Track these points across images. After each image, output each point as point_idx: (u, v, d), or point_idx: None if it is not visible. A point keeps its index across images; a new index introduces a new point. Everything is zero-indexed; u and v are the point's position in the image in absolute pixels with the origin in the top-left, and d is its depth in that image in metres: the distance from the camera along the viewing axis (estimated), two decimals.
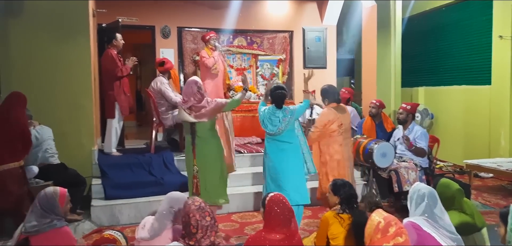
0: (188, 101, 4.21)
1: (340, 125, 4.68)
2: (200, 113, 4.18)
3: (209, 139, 4.27)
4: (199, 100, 4.21)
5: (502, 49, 7.24)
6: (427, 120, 8.55)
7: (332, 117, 4.68)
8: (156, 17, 7.98)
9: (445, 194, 3.45)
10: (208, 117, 4.23)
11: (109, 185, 5.34)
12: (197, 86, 4.22)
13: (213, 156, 4.29)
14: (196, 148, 4.23)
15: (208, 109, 4.21)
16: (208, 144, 4.27)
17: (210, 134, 4.29)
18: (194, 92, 4.19)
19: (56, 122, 5.42)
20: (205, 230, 2.59)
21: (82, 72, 5.71)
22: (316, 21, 8.73)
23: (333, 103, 4.79)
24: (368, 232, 2.71)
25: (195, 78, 4.36)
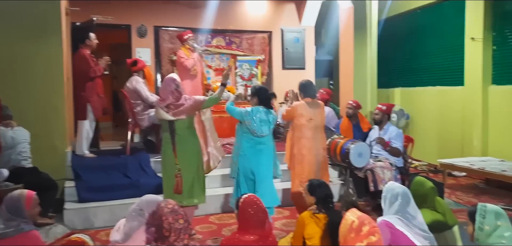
0: (166, 100, 4.15)
1: (310, 120, 4.71)
2: (179, 111, 4.13)
3: (187, 137, 4.22)
4: (177, 98, 4.15)
5: (474, 51, 7.41)
6: (403, 121, 8.69)
7: (301, 110, 4.74)
8: (132, 16, 7.87)
9: (419, 191, 3.51)
10: (187, 114, 4.18)
11: (82, 188, 5.22)
12: (175, 84, 4.16)
13: (191, 155, 4.24)
14: (176, 146, 4.16)
15: (186, 106, 4.16)
16: (186, 142, 4.21)
17: (188, 132, 4.24)
18: (172, 90, 4.13)
19: (27, 124, 5.25)
20: (178, 233, 2.56)
21: (54, 72, 5.57)
22: (294, 22, 8.78)
23: (307, 98, 4.83)
24: (342, 232, 2.73)
25: (172, 76, 4.30)
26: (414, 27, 9.31)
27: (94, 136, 6.29)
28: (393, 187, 3.17)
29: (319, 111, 4.85)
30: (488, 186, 6.75)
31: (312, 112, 4.75)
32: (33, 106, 5.47)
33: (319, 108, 4.86)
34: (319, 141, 4.82)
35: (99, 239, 4.62)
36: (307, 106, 4.77)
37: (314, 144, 4.75)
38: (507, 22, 7.15)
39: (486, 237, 2.68)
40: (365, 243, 2.58)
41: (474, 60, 7.43)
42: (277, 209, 5.37)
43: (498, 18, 7.28)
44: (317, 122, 4.79)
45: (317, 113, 4.80)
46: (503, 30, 7.21)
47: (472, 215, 2.77)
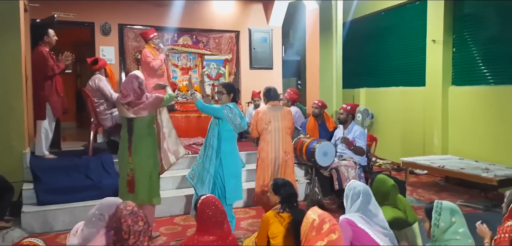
0: (127, 97, 4.06)
1: (268, 122, 4.78)
2: (139, 108, 4.06)
3: (145, 136, 4.15)
4: (138, 96, 4.07)
5: (435, 52, 7.64)
6: (368, 120, 8.87)
7: (261, 115, 4.82)
8: (96, 13, 7.67)
9: (381, 189, 3.58)
10: (148, 111, 4.11)
11: (41, 190, 5.04)
12: (138, 81, 4.08)
13: (147, 154, 4.17)
14: (132, 144, 4.09)
15: (147, 103, 4.09)
16: (144, 141, 4.14)
17: (147, 131, 4.17)
18: (134, 87, 4.05)
19: None
20: (138, 235, 2.50)
21: (12, 71, 5.36)
22: (262, 22, 8.80)
23: (269, 102, 4.92)
24: (303, 230, 2.75)
25: (136, 73, 4.22)
26: (378, 29, 9.52)
27: (55, 136, 6.08)
28: (355, 185, 3.22)
29: (281, 115, 4.85)
30: (448, 183, 6.97)
31: (272, 115, 4.80)
32: None
33: (281, 112, 4.87)
34: (281, 143, 4.81)
35: (58, 243, 4.48)
36: (267, 111, 4.83)
37: (273, 147, 4.77)
38: (466, 25, 7.41)
39: (442, 233, 2.76)
40: (325, 241, 2.61)
41: (435, 62, 7.66)
42: (243, 209, 5.37)
43: (458, 21, 7.54)
44: (277, 125, 4.80)
45: (278, 116, 4.82)
46: (462, 32, 7.47)
47: (428, 212, 2.85)
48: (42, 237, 4.58)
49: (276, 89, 5.12)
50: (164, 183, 5.46)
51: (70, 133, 8.87)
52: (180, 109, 7.23)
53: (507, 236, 2.75)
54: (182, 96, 7.50)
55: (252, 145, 6.89)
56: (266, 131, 4.78)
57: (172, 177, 5.71)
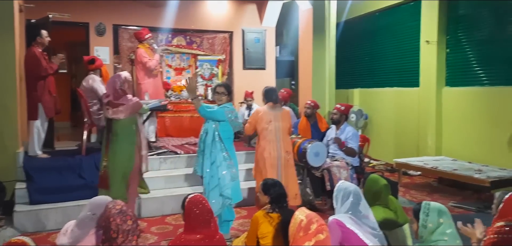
0: (108, 96, 4.12)
1: (269, 122, 4.77)
2: (117, 110, 4.08)
3: (122, 138, 4.19)
4: (117, 96, 4.10)
5: (429, 53, 7.67)
6: (362, 121, 8.90)
7: (261, 115, 4.80)
8: (91, 13, 7.67)
9: (372, 188, 3.60)
10: (125, 115, 4.13)
11: (34, 189, 5.05)
12: (120, 82, 4.14)
13: (122, 155, 4.22)
14: (109, 143, 4.17)
15: (126, 106, 4.12)
16: (120, 142, 4.19)
17: (125, 132, 4.20)
18: (116, 88, 4.11)
19: None
20: (126, 234, 2.52)
21: (5, 71, 5.39)
22: (255, 22, 8.81)
23: (269, 103, 4.87)
24: (291, 231, 2.76)
25: (121, 73, 4.27)
26: (372, 30, 9.54)
27: (48, 135, 6.08)
28: (345, 186, 3.22)
29: (281, 115, 4.87)
30: (441, 185, 6.99)
31: (272, 115, 4.79)
32: None
33: (281, 112, 4.89)
34: (282, 142, 4.83)
35: (50, 242, 4.48)
36: (267, 110, 4.81)
37: (275, 146, 4.77)
38: (460, 26, 7.45)
39: (429, 234, 2.78)
40: (313, 242, 2.62)
41: (429, 63, 7.68)
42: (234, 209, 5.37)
43: (451, 22, 7.57)
44: (278, 124, 4.80)
45: (278, 116, 4.83)
46: (456, 33, 7.50)
47: (416, 212, 2.87)
48: (34, 236, 4.59)
49: (276, 90, 5.09)
50: (155, 183, 5.49)
51: (64, 133, 8.84)
52: (173, 110, 7.24)
53: (495, 237, 2.77)
54: (176, 97, 7.51)
55: (244, 145, 6.91)
56: (267, 131, 4.76)
57: (163, 176, 5.73)
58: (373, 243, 2.98)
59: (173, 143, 6.88)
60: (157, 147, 6.42)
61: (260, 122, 4.80)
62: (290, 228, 2.79)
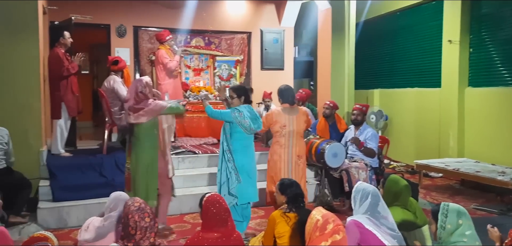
0: (129, 101, 4.19)
1: (283, 126, 4.73)
2: (138, 114, 4.14)
3: (144, 141, 4.23)
4: (138, 101, 4.15)
5: (451, 53, 7.53)
6: (382, 122, 8.79)
7: (275, 118, 4.77)
8: (112, 15, 7.81)
9: (392, 189, 3.56)
10: (146, 118, 4.18)
11: (57, 187, 5.18)
12: (140, 86, 4.18)
13: (143, 158, 4.25)
14: (131, 146, 4.23)
15: (146, 110, 4.16)
16: (142, 145, 4.23)
17: (146, 136, 4.23)
18: (136, 92, 4.17)
19: (1, 122, 5.18)
20: (144, 231, 2.56)
21: (30, 71, 5.51)
22: (274, 22, 8.80)
23: (285, 104, 4.82)
24: (308, 230, 2.75)
25: (142, 78, 4.33)
26: (393, 29, 9.43)
27: (71, 135, 6.23)
28: (363, 186, 3.20)
29: (297, 118, 4.81)
30: (463, 187, 6.86)
31: (287, 118, 4.75)
32: (8, 105, 5.41)
33: (296, 115, 4.82)
34: (294, 147, 4.79)
35: (72, 238, 4.59)
36: (282, 113, 4.77)
37: (287, 151, 4.76)
38: (483, 25, 7.29)
39: (448, 236, 2.74)
40: (329, 242, 2.61)
41: (451, 63, 7.55)
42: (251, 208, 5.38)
43: (475, 21, 7.42)
44: (292, 128, 4.76)
45: (293, 119, 4.77)
46: (479, 32, 7.35)
47: (435, 214, 2.83)
48: (56, 232, 4.69)
49: (293, 90, 5.01)
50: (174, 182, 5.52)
51: (86, 132, 9.04)
52: (191, 110, 7.30)
53: None
54: (194, 97, 7.57)
55: (261, 145, 6.91)
56: (280, 134, 4.74)
57: (182, 176, 5.78)
58: (391, 244, 2.95)
59: (192, 142, 6.94)
60: (175, 147, 6.49)
61: (274, 125, 4.79)
62: (306, 228, 2.79)
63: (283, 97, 4.85)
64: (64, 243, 4.43)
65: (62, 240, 4.50)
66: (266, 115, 4.94)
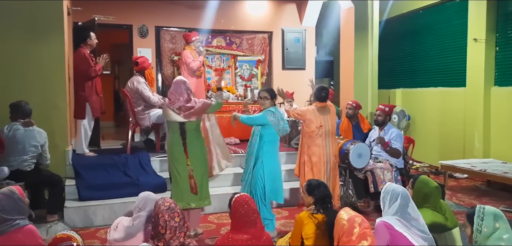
0: (176, 101, 4.20)
1: (320, 127, 4.68)
2: (189, 113, 4.18)
3: (195, 139, 4.28)
4: (187, 100, 4.19)
5: (477, 52, 7.37)
6: (404, 122, 8.66)
7: (309, 116, 4.71)
8: (134, 16, 7.88)
9: (423, 190, 3.49)
10: (196, 116, 4.24)
11: (83, 186, 5.24)
12: (185, 86, 4.24)
13: (199, 156, 4.30)
14: (187, 147, 4.22)
15: (196, 108, 4.22)
16: (195, 144, 4.27)
17: (196, 134, 4.30)
18: (183, 91, 4.20)
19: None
20: (174, 231, 2.56)
21: (56, 71, 5.59)
22: (295, 22, 8.76)
23: (317, 101, 4.79)
24: (336, 231, 2.73)
25: (182, 78, 4.39)
26: (416, 28, 9.28)
27: (94, 135, 6.31)
28: (393, 187, 3.15)
29: (330, 117, 4.81)
30: (489, 188, 6.72)
31: (322, 118, 4.73)
32: (35, 105, 5.44)
33: (330, 114, 4.82)
34: (330, 147, 4.78)
35: (98, 237, 4.63)
36: (316, 112, 4.73)
37: (324, 151, 4.72)
38: (510, 23, 7.12)
39: (485, 239, 2.66)
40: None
41: (477, 61, 7.39)
42: (276, 209, 5.37)
43: (501, 19, 7.25)
44: (328, 128, 4.75)
45: (327, 119, 4.77)
46: (506, 31, 7.18)
47: (470, 217, 2.75)
48: (83, 231, 4.76)
49: (327, 88, 5.00)
50: None
51: (108, 132, 9.14)
52: None
53: None
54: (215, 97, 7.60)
55: (284, 145, 6.87)
56: (316, 135, 4.69)
57: None
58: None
59: None
60: None
61: (309, 124, 4.73)
62: (334, 228, 2.75)
63: (318, 96, 4.81)
64: (91, 242, 4.48)
65: (88, 239, 4.55)
66: (300, 111, 4.87)
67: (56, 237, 2.66)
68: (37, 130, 4.97)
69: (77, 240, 2.65)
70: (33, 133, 4.92)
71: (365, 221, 2.63)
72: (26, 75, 5.48)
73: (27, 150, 4.85)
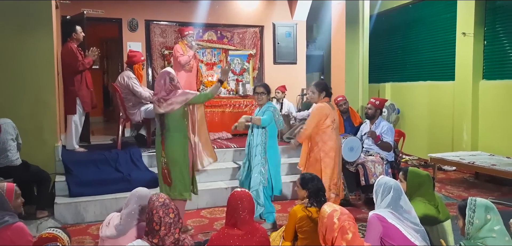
0: (158, 93, 4.16)
1: (334, 120, 4.69)
2: (167, 104, 4.12)
3: (176, 131, 4.21)
4: (169, 91, 4.14)
5: (465, 46, 7.46)
6: (394, 115, 8.74)
7: (327, 111, 4.65)
8: (123, 9, 7.78)
9: (416, 179, 3.53)
10: (174, 107, 4.15)
11: (73, 182, 5.19)
12: (169, 77, 4.15)
13: (178, 148, 4.22)
14: (164, 138, 4.18)
15: (174, 99, 4.14)
16: (175, 136, 4.20)
17: (177, 126, 4.21)
18: (166, 82, 4.13)
19: (17, 118, 5.18)
20: (169, 227, 2.55)
21: (45, 66, 5.51)
22: (286, 16, 8.74)
23: (326, 98, 4.75)
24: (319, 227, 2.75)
25: (168, 69, 4.30)
26: (405, 22, 9.34)
27: (84, 130, 6.24)
28: (385, 180, 3.18)
29: (336, 112, 4.90)
30: (477, 180, 6.83)
31: (333, 113, 4.75)
32: (23, 101, 5.42)
33: (335, 108, 4.94)
34: (339, 141, 4.85)
35: (90, 233, 4.59)
36: (329, 108, 4.70)
37: (338, 144, 4.75)
38: (498, 17, 7.21)
39: (477, 231, 2.70)
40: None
41: (465, 55, 7.48)
42: None
43: (489, 13, 7.34)
44: (337, 122, 4.81)
45: (335, 113, 4.82)
46: (494, 25, 7.27)
47: (462, 209, 2.79)
48: (74, 227, 4.73)
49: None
50: None
51: (98, 127, 9.06)
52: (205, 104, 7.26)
53: None
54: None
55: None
56: (331, 129, 4.64)
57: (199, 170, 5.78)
58: (415, 238, 2.93)
59: None
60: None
61: (326, 120, 4.62)
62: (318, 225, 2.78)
63: (326, 91, 4.73)
64: (82, 239, 4.45)
65: (80, 236, 4.52)
66: (314, 113, 4.70)
67: (41, 236, 2.59)
68: (6, 122, 4.85)
69: (63, 239, 2.57)
70: (8, 127, 4.82)
71: (344, 213, 2.61)
72: (14, 70, 5.39)
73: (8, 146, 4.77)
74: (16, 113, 5.25)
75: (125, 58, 6.85)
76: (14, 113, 5.20)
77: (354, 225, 2.59)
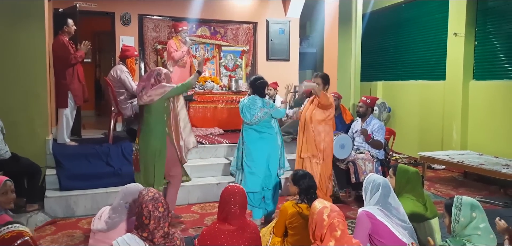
0: (145, 87, 4.19)
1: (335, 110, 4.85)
2: (148, 95, 4.16)
3: (153, 123, 4.24)
4: (152, 85, 4.18)
5: (456, 46, 7.53)
6: (385, 114, 8.80)
7: (333, 101, 4.80)
8: (116, 3, 7.74)
9: (405, 175, 3.57)
10: (155, 97, 4.16)
11: (64, 176, 5.17)
12: (156, 72, 4.21)
13: (153, 139, 4.24)
14: (141, 128, 4.30)
15: (151, 91, 4.16)
16: (151, 128, 4.24)
17: (155, 118, 4.24)
18: (150, 77, 4.20)
19: (7, 111, 5.18)
20: (158, 221, 2.56)
21: (36, 59, 5.48)
22: (280, 13, 8.76)
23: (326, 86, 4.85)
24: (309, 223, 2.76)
25: (160, 68, 4.35)
26: (398, 21, 9.40)
27: (75, 124, 6.21)
28: (374, 178, 3.22)
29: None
30: (466, 179, 6.90)
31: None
32: (14, 93, 5.38)
33: None
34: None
35: (80, 227, 4.59)
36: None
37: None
38: (489, 18, 7.28)
39: (462, 229, 2.75)
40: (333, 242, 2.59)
41: (456, 55, 7.55)
42: None
43: (480, 14, 7.41)
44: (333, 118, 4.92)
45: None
46: (485, 26, 7.35)
47: (448, 207, 2.84)
48: (64, 221, 4.73)
49: None
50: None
51: (89, 121, 9.01)
52: (198, 100, 7.28)
53: None
54: (200, 87, 7.55)
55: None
56: (333, 120, 4.84)
57: (189, 166, 5.74)
58: (403, 236, 2.97)
59: (198, 133, 6.92)
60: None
61: (332, 110, 4.80)
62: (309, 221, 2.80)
63: (328, 80, 4.85)
64: (72, 232, 4.44)
65: (70, 229, 4.51)
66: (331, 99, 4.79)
67: (4, 237, 2.39)
68: None
69: (28, 232, 2.47)
70: None
71: (334, 210, 2.63)
72: (5, 62, 5.35)
73: None
74: (7, 105, 5.24)
75: (117, 52, 6.82)
76: (5, 106, 5.20)
77: (343, 223, 2.59)
